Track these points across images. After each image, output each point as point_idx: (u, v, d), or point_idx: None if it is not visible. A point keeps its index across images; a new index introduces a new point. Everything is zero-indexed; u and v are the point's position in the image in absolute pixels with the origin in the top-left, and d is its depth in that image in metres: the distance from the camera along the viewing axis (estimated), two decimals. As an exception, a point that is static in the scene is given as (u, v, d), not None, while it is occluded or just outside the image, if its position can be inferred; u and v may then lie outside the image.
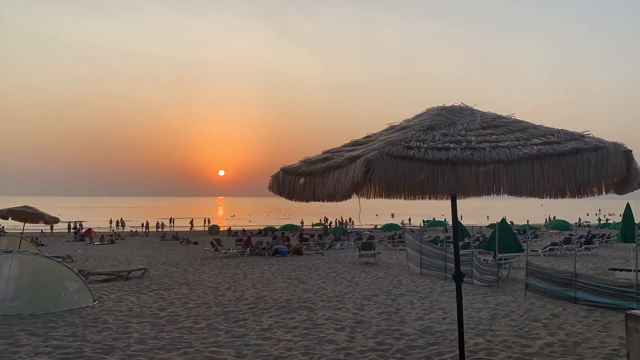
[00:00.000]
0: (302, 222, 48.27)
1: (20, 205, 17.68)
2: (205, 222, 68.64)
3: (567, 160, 3.86)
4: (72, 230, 47.48)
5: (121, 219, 62.70)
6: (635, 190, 4.12)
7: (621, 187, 4.10)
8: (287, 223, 44.03)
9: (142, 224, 54.63)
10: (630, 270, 13.69)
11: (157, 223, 57.28)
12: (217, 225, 47.71)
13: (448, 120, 4.65)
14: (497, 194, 4.09)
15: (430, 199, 4.93)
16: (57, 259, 11.29)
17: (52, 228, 42.51)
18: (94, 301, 10.36)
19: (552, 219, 54.98)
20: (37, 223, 18.01)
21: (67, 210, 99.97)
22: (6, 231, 29.84)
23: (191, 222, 60.46)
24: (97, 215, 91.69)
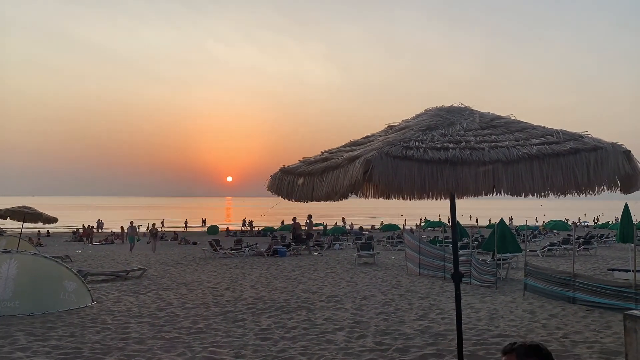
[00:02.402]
0: (282, 222, 47.34)
1: (20, 205, 17.69)
2: (202, 222, 68.51)
3: (565, 160, 3.87)
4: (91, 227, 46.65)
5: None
6: (637, 191, 4.14)
7: (623, 187, 4.12)
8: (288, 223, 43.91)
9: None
10: (629, 271, 13.70)
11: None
12: (216, 225, 47.60)
13: (447, 121, 4.65)
14: (497, 194, 4.10)
15: (429, 199, 4.93)
16: (56, 259, 11.27)
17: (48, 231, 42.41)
18: (93, 301, 10.35)
19: (566, 220, 54.09)
20: (36, 223, 18.03)
21: (84, 211, 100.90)
22: (5, 231, 29.80)
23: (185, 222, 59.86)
24: (111, 215, 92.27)
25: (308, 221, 25.97)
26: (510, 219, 62.32)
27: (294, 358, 6.45)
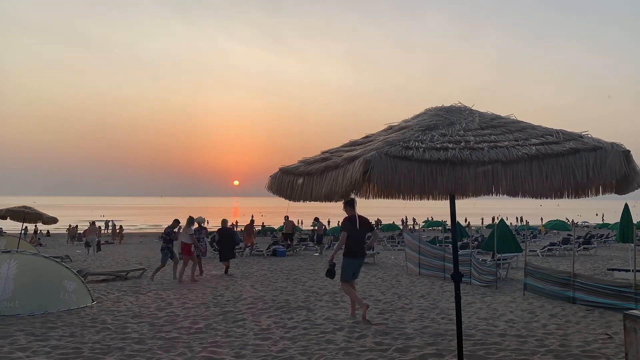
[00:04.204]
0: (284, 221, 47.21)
1: (20, 205, 17.70)
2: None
3: (565, 161, 3.87)
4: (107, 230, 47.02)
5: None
6: (635, 191, 4.13)
7: (621, 187, 4.11)
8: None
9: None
10: (629, 271, 13.70)
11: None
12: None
13: (447, 121, 4.66)
14: (496, 194, 4.10)
15: (429, 199, 4.94)
16: (56, 259, 11.27)
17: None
18: (93, 301, 10.35)
19: (576, 222, 53.66)
20: (36, 223, 18.05)
21: (101, 211, 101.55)
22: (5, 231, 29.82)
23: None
24: (124, 214, 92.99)
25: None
26: (521, 219, 62.27)
27: (294, 358, 6.44)
